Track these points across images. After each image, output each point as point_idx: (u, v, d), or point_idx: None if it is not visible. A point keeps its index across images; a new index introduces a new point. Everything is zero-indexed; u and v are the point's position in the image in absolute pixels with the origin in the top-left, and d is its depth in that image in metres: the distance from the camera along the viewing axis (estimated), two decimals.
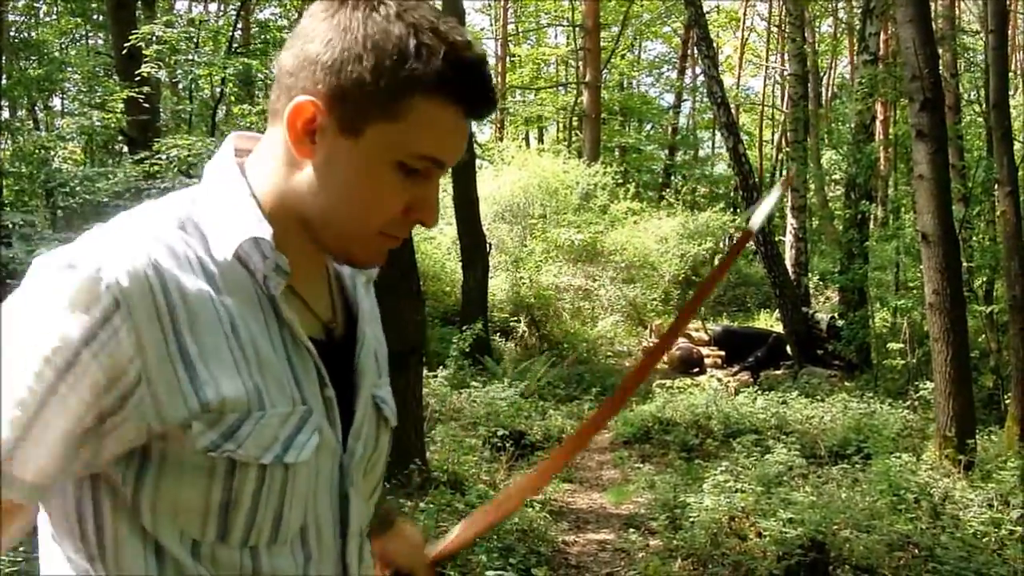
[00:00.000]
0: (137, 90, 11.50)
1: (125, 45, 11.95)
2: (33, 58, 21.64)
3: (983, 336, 14.52)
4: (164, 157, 10.31)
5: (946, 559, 6.40)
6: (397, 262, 8.89)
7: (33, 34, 22.76)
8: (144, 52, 11.54)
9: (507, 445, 10.46)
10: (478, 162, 21.74)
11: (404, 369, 8.84)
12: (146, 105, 12.10)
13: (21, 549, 4.03)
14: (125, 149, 17.53)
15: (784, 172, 25.51)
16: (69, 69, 21.30)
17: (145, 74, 11.65)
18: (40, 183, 12.73)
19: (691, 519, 7.50)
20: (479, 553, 6.69)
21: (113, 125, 15.14)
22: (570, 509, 9.17)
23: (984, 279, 14.98)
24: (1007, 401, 11.54)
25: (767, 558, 6.35)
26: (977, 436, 9.74)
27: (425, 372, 10.84)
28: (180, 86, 19.69)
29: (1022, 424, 10.28)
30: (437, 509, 7.58)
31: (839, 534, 6.70)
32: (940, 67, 11.21)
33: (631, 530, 8.05)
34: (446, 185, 23.18)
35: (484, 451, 10.01)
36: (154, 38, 11.59)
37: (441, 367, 13.12)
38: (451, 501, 7.85)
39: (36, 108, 24.67)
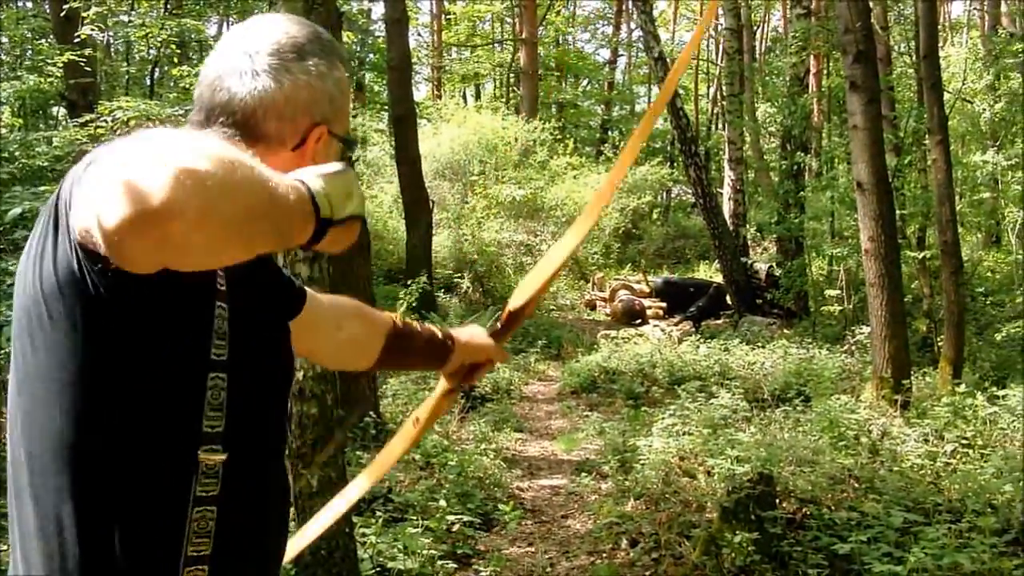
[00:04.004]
0: (79, 52, 11.42)
1: (63, 7, 11.84)
2: None
3: (916, 282, 14.93)
4: (109, 119, 10.27)
5: (885, 490, 6.71)
6: None
7: None
8: (83, 14, 11.45)
9: (458, 397, 10.65)
10: (418, 120, 21.71)
11: None
12: (87, 68, 12.02)
13: None
14: (62, 113, 17.30)
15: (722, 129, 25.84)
16: None
17: (84, 36, 11.56)
18: None
19: (642, 461, 7.77)
20: (439, 499, 6.90)
21: (49, 89, 14.95)
22: (522, 457, 9.40)
23: (916, 226, 15.36)
24: (940, 343, 11.95)
25: (716, 493, 6.63)
26: (912, 377, 10.09)
27: None
28: (112, 49, 19.46)
29: (955, 364, 10.68)
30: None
31: (784, 470, 6.99)
32: (871, 20, 11.49)
33: (583, 474, 8.31)
34: (387, 143, 23.21)
35: None
36: (93, 1, 11.50)
37: None
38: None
39: None
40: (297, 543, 2.05)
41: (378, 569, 5.47)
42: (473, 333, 2.17)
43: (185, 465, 1.43)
